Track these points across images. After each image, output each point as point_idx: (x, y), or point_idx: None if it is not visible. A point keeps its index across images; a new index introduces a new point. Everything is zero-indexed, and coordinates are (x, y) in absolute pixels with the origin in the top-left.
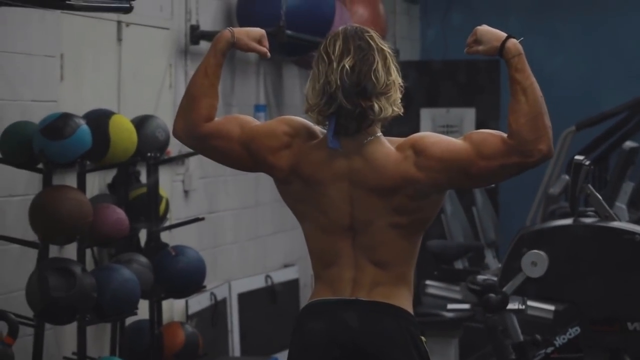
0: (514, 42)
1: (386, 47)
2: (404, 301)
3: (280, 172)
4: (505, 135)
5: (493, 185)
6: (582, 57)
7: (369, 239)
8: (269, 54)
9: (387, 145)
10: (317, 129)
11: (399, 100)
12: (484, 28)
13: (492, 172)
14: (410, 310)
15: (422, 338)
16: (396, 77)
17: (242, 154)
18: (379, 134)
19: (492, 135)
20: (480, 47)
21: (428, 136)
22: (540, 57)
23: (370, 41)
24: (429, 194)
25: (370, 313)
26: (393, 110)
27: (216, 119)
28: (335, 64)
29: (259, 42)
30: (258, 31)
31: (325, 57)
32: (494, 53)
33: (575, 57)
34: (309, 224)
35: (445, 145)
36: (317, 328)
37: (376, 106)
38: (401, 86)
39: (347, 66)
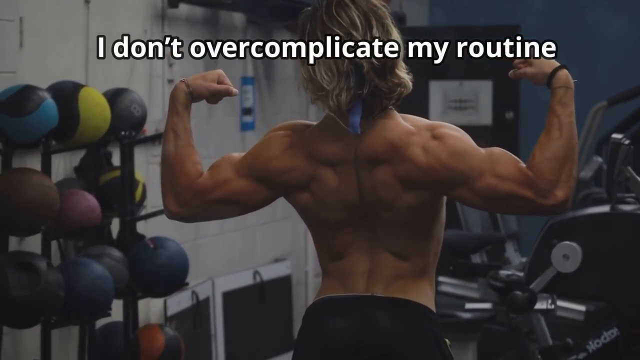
0: (566, 73)
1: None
2: (426, 298)
3: (297, 171)
4: (525, 165)
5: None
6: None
7: (383, 226)
8: (234, 90)
9: (399, 119)
10: (308, 122)
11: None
12: (539, 57)
13: (497, 196)
14: (434, 308)
15: (447, 341)
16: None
17: (250, 187)
18: (390, 106)
19: (515, 160)
20: (529, 70)
21: (453, 129)
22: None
23: (375, 2)
24: (419, 186)
25: (390, 311)
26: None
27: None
28: (359, 37)
29: (218, 82)
30: (214, 72)
31: (338, 29)
32: (542, 80)
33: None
34: (316, 213)
35: (466, 144)
36: (344, 327)
37: (404, 78)
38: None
39: (374, 39)
